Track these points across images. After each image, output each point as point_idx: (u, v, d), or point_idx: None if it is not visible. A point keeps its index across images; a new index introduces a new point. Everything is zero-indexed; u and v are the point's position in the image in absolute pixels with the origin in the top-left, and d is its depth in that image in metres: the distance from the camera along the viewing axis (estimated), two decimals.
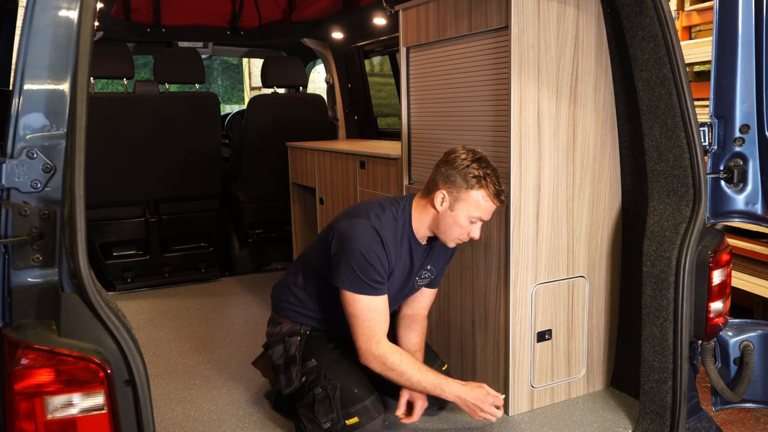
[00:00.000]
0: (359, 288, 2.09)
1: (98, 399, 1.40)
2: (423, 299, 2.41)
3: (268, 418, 2.40)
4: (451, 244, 2.21)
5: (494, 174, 2.10)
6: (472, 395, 2.13)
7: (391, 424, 2.28)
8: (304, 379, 2.21)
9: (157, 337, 3.29)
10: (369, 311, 2.11)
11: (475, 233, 2.15)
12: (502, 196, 2.11)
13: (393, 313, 2.31)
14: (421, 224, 2.20)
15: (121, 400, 1.43)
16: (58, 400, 1.38)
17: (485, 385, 2.16)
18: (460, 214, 2.11)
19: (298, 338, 2.28)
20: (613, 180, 2.43)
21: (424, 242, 2.24)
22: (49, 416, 1.38)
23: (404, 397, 2.25)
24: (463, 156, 2.11)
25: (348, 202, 3.49)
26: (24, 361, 1.36)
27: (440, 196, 2.12)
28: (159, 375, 2.79)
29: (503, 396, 2.17)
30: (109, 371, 1.40)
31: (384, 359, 2.10)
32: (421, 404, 2.24)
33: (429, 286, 2.39)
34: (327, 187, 3.76)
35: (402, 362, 2.11)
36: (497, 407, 2.14)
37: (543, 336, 2.38)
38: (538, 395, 2.41)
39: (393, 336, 2.33)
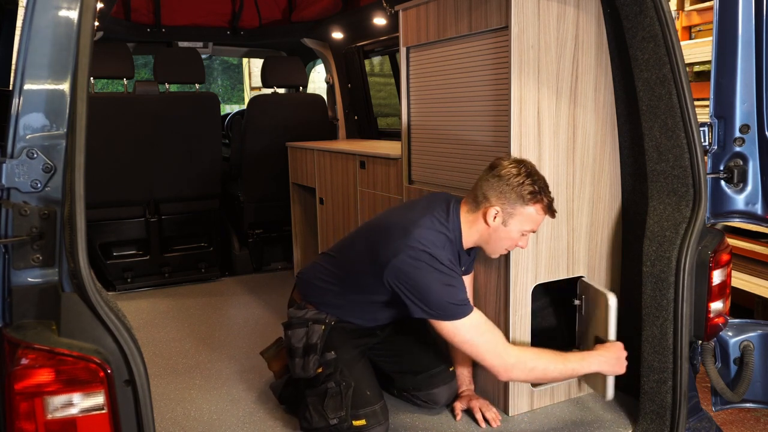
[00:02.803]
0: (455, 314, 2.02)
1: (98, 399, 1.40)
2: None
3: (269, 418, 2.40)
4: (495, 256, 2.18)
5: (546, 185, 2.06)
6: (614, 357, 2.17)
7: (393, 424, 2.28)
8: (320, 369, 2.20)
9: (157, 337, 3.29)
10: (478, 330, 2.04)
11: (524, 243, 2.12)
12: (553, 207, 2.08)
13: None
14: (469, 238, 2.15)
15: (121, 400, 1.43)
16: (58, 400, 1.38)
17: (615, 347, 2.20)
18: (513, 229, 2.07)
19: (323, 327, 2.25)
20: (613, 180, 2.43)
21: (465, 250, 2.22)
22: (49, 416, 1.38)
23: (458, 407, 2.33)
24: (515, 171, 2.03)
25: (348, 202, 3.49)
26: (24, 361, 1.36)
27: (493, 212, 2.06)
28: (159, 375, 2.79)
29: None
30: (109, 371, 1.40)
31: (523, 365, 2.05)
32: (478, 405, 2.30)
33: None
34: (327, 187, 3.76)
35: (537, 361, 2.08)
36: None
37: None
38: (538, 395, 2.41)
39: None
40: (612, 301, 2.21)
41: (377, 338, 2.42)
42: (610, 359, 2.16)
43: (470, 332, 2.03)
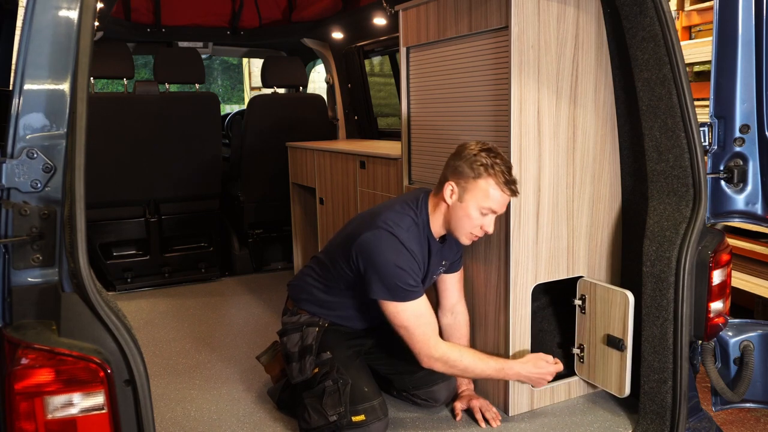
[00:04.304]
0: (401, 296, 2.09)
1: (98, 399, 1.40)
2: (451, 287, 2.42)
3: (269, 418, 2.40)
4: (465, 240, 2.19)
5: (504, 164, 2.07)
6: (534, 370, 2.19)
7: (391, 422, 2.28)
8: (317, 370, 2.22)
9: (157, 337, 3.29)
10: (417, 318, 2.12)
11: (489, 227, 2.13)
12: (513, 186, 2.07)
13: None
14: (436, 222, 2.20)
15: (121, 400, 1.43)
16: (58, 400, 1.38)
17: (540, 354, 2.23)
18: (470, 204, 2.09)
19: (317, 329, 2.29)
20: (613, 180, 2.43)
21: (438, 239, 2.25)
22: (49, 416, 1.38)
23: (458, 407, 2.34)
24: (471, 146, 2.11)
25: (348, 202, 3.49)
26: (24, 361, 1.36)
27: (449, 188, 2.12)
28: (159, 375, 2.79)
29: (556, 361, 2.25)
30: (109, 371, 1.40)
31: (446, 359, 2.13)
32: (478, 405, 2.32)
33: (447, 272, 2.39)
34: (327, 187, 3.76)
35: (463, 358, 2.15)
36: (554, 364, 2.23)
37: None
38: (538, 395, 2.41)
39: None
40: (631, 299, 2.21)
41: (371, 340, 2.43)
42: (530, 371, 2.19)
43: (410, 318, 2.11)
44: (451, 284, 2.41)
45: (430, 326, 2.14)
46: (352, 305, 2.32)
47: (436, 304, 2.45)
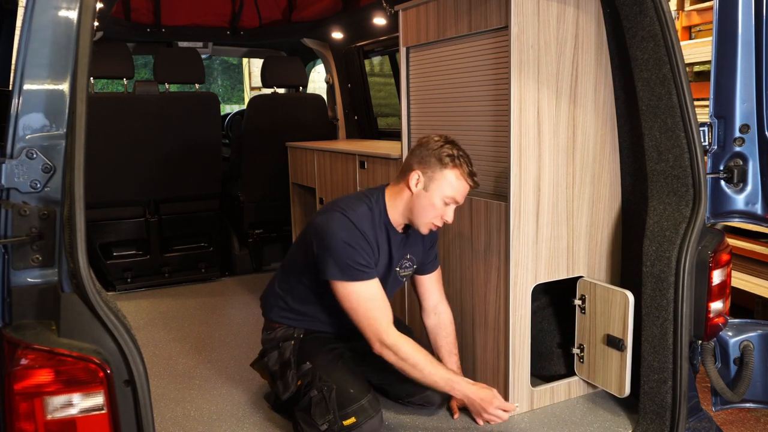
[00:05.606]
0: (349, 275, 2.09)
1: (98, 399, 1.40)
2: (430, 288, 2.42)
3: (268, 419, 2.40)
4: (424, 230, 2.22)
5: (467, 157, 2.17)
6: (481, 395, 2.16)
7: (390, 423, 2.28)
8: (299, 382, 2.21)
9: (157, 337, 3.29)
10: (367, 300, 2.12)
11: (449, 216, 2.18)
12: (475, 177, 2.16)
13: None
14: (395, 210, 2.23)
15: (121, 400, 1.43)
16: (57, 400, 1.38)
17: (494, 390, 2.20)
18: (435, 194, 2.14)
19: (293, 342, 2.29)
20: (613, 180, 2.43)
21: (400, 230, 2.26)
22: (49, 416, 1.38)
23: (455, 405, 2.34)
24: (436, 139, 2.18)
25: None
26: (24, 362, 1.36)
27: (415, 176, 2.16)
28: (159, 375, 2.79)
29: (516, 405, 2.23)
30: (108, 371, 1.40)
31: (396, 349, 2.11)
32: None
33: (421, 272, 2.40)
34: (327, 187, 3.76)
35: (414, 354, 2.12)
36: (505, 411, 2.17)
37: None
38: (538, 395, 2.41)
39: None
40: (631, 299, 2.21)
41: (352, 346, 2.38)
42: (474, 398, 2.16)
43: (361, 301, 2.11)
44: (430, 285, 2.42)
45: (382, 311, 2.13)
46: (325, 305, 2.29)
47: (419, 308, 2.47)
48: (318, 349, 2.27)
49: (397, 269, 2.31)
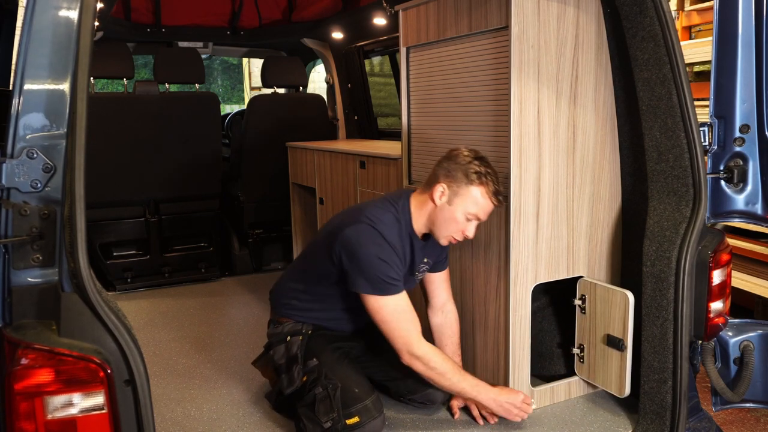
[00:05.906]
0: (381, 289, 2.10)
1: (98, 399, 1.40)
2: (440, 286, 2.43)
3: (268, 419, 2.40)
4: (444, 242, 2.23)
5: (494, 175, 2.14)
6: (507, 398, 2.20)
7: (391, 424, 2.28)
8: (305, 378, 2.21)
9: (157, 337, 3.29)
10: (398, 313, 2.13)
11: (470, 232, 2.18)
12: (500, 196, 2.14)
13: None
14: (419, 221, 2.22)
15: (121, 400, 1.43)
16: (58, 400, 1.38)
17: (513, 389, 2.26)
18: (458, 209, 2.14)
19: (300, 338, 2.29)
20: (613, 180, 2.43)
21: (421, 237, 2.26)
22: (49, 416, 1.38)
23: (456, 405, 2.35)
24: (465, 153, 2.16)
25: (348, 202, 3.49)
26: (24, 361, 1.36)
27: (440, 189, 2.15)
28: (159, 375, 2.79)
29: (533, 400, 2.28)
30: (109, 371, 1.40)
31: (427, 360, 2.13)
32: (475, 406, 2.31)
33: (432, 270, 2.40)
34: (327, 187, 3.76)
35: (443, 363, 2.15)
36: (527, 404, 2.23)
37: None
38: (538, 395, 2.41)
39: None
40: (631, 299, 2.22)
41: (359, 343, 2.42)
42: (502, 402, 2.20)
43: (392, 313, 2.12)
44: (439, 283, 2.43)
45: (412, 323, 2.14)
46: (339, 306, 2.32)
47: (426, 305, 2.47)
48: (325, 347, 2.28)
49: (416, 273, 2.33)
